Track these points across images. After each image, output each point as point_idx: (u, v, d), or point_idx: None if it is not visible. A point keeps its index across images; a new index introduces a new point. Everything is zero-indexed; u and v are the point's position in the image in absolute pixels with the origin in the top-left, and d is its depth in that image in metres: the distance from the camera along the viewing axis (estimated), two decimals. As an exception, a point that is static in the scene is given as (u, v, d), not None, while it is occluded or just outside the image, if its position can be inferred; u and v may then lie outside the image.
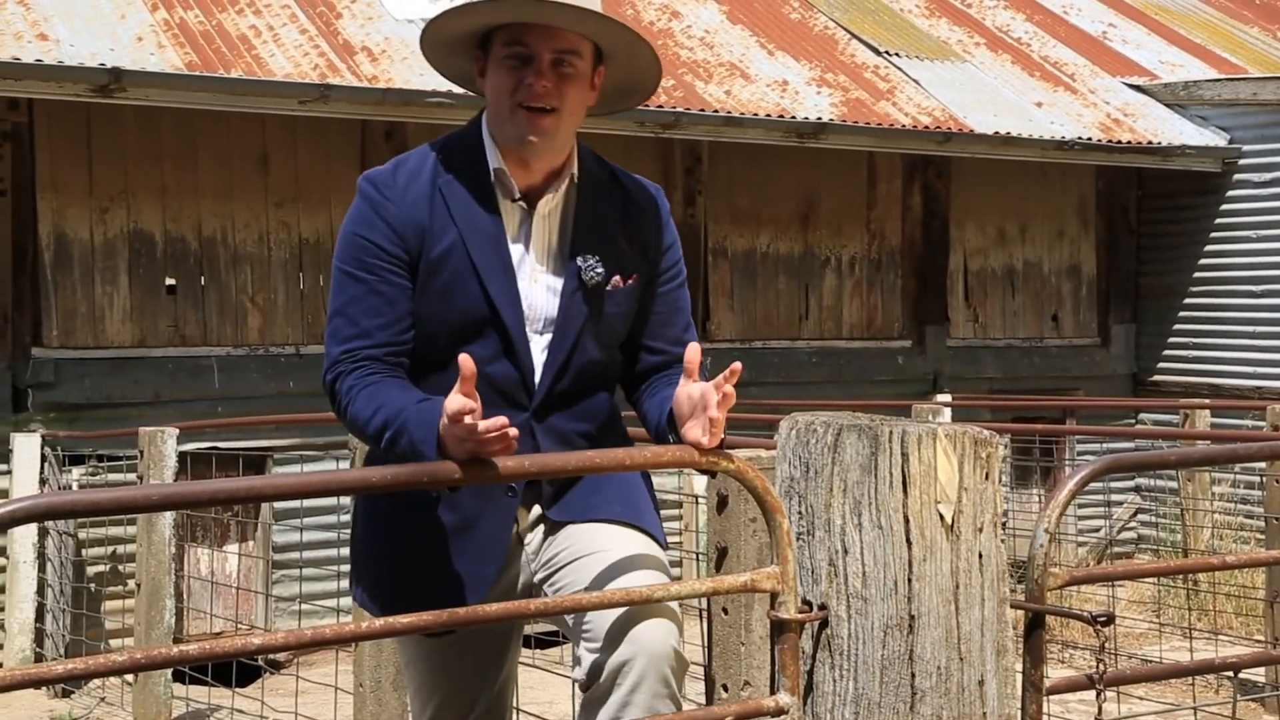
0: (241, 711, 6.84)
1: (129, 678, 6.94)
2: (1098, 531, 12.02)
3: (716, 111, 9.96)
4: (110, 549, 8.62)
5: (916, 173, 11.76)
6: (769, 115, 10.15)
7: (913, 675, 2.30)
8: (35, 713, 7.44)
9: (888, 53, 12.02)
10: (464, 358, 2.42)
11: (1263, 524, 8.03)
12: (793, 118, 10.21)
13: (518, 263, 2.83)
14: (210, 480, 2.34)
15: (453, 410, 2.39)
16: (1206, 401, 10.84)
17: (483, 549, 2.82)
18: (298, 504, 8.39)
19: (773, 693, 2.38)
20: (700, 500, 8.45)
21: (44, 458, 8.46)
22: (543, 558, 2.85)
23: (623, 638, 2.63)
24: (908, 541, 2.30)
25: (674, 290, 2.97)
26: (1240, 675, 6.85)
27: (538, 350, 2.83)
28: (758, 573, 2.39)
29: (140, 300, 9.04)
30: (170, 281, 9.13)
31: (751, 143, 10.42)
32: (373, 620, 2.30)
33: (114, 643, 8.35)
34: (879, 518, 2.30)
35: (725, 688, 3.06)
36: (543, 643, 7.59)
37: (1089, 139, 11.43)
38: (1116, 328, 12.69)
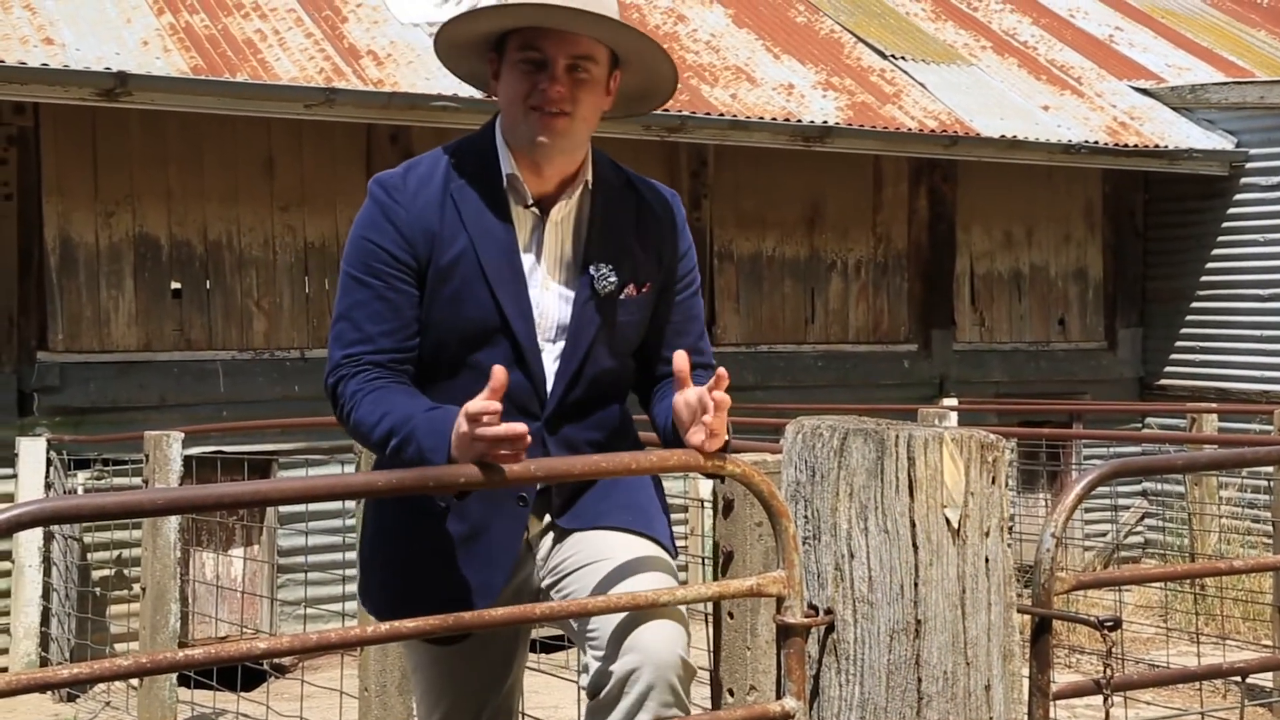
0: (246, 716, 6.83)
1: (134, 682, 6.93)
2: (1104, 536, 12.00)
3: (722, 115, 9.95)
4: (115, 553, 8.62)
5: (923, 176, 11.75)
6: (775, 119, 10.14)
7: (919, 680, 2.29)
8: (40, 717, 7.44)
9: (894, 56, 12.01)
10: (497, 368, 2.41)
11: (1270, 528, 8.01)
12: (799, 121, 10.20)
13: (529, 270, 2.80)
14: (215, 484, 2.34)
15: (474, 410, 2.38)
16: (1214, 405, 10.82)
17: (492, 557, 2.81)
18: (303, 508, 8.38)
19: (779, 697, 2.38)
20: (706, 504, 8.44)
21: (49, 462, 8.46)
22: (550, 564, 2.84)
23: (629, 645, 2.61)
24: (914, 546, 2.29)
25: (688, 298, 2.95)
26: (1247, 680, 6.84)
27: (549, 359, 2.81)
28: (764, 577, 2.39)
29: (145, 304, 9.04)
30: (175, 285, 9.13)
31: (757, 146, 10.41)
32: (378, 625, 2.29)
33: (119, 647, 8.34)
34: (885, 522, 2.30)
35: (731, 692, 3.05)
36: (549, 647, 7.58)
37: (1095, 142, 11.42)
38: (1123, 331, 12.67)
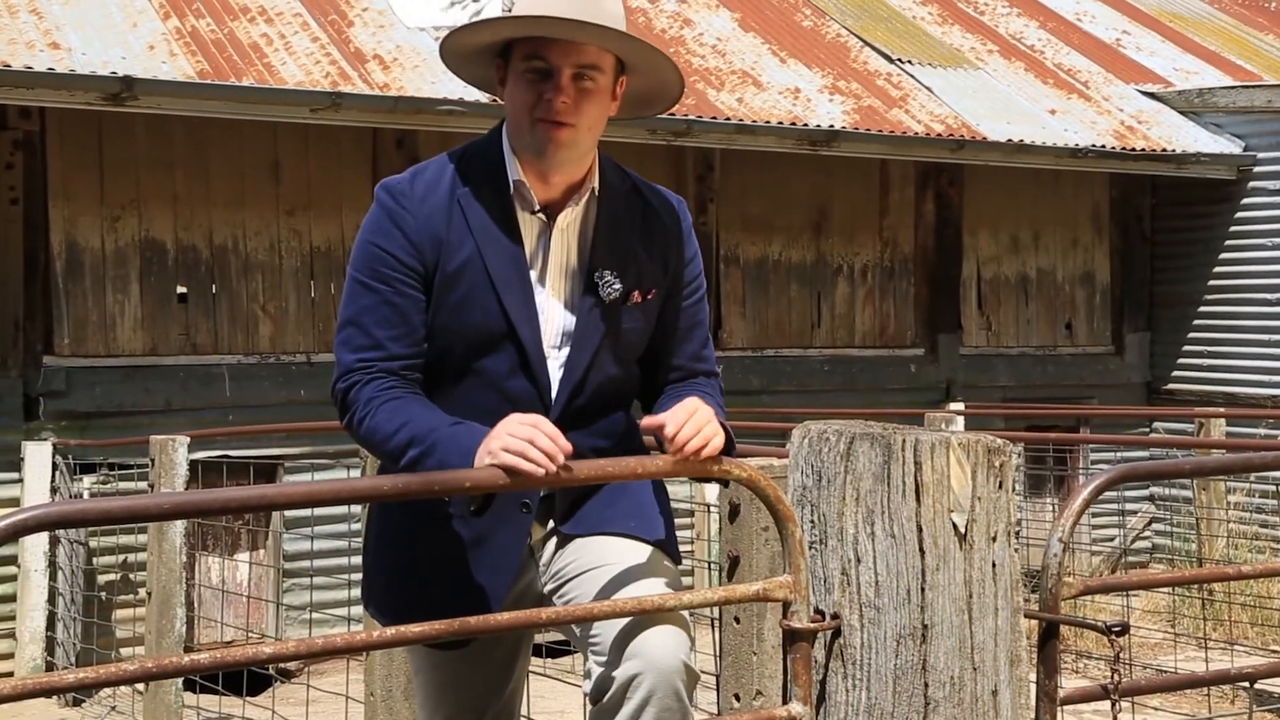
0: (252, 720, 6.82)
1: (139, 686, 6.93)
2: (1112, 541, 11.98)
3: (728, 119, 9.95)
4: (121, 557, 8.62)
5: (929, 180, 11.74)
6: (781, 123, 10.14)
7: (926, 685, 2.28)
8: (46, 721, 7.44)
9: (900, 60, 12.00)
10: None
11: (1278, 533, 8.00)
12: (805, 125, 10.20)
13: (535, 277, 2.80)
14: (221, 489, 2.33)
15: (528, 417, 2.48)
16: (1221, 410, 10.81)
17: (496, 563, 2.80)
18: (309, 512, 8.38)
19: (785, 702, 2.37)
20: (712, 509, 8.42)
21: (55, 466, 8.46)
22: (552, 569, 2.84)
23: (632, 651, 2.60)
24: (920, 550, 2.28)
25: (694, 304, 2.95)
26: (1256, 685, 6.83)
27: (554, 366, 2.81)
28: (770, 582, 2.38)
29: (151, 309, 9.04)
30: (181, 290, 9.13)
31: (763, 150, 10.41)
32: (384, 629, 2.29)
33: (124, 651, 8.34)
34: (892, 526, 2.29)
35: (737, 697, 3.04)
36: (554, 652, 7.56)
37: (1103, 146, 11.40)
38: (1130, 336, 12.64)
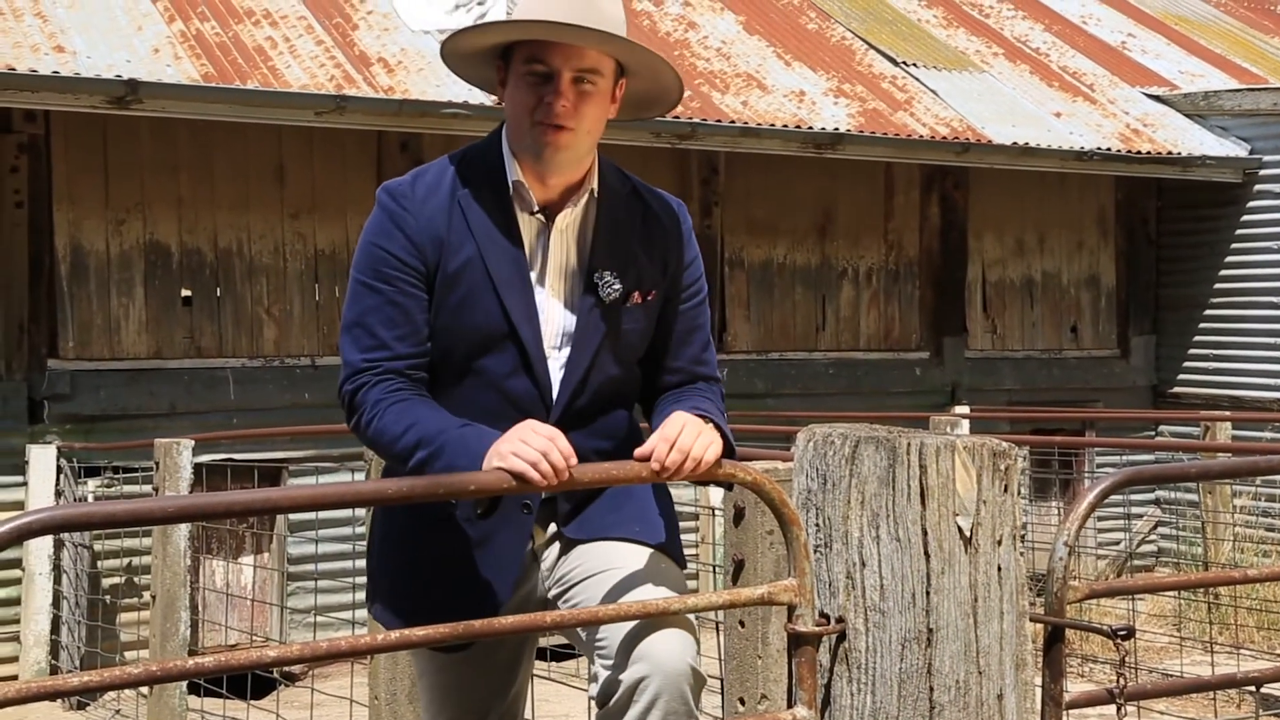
0: (257, 724, 6.82)
1: (144, 690, 6.93)
2: (1118, 544, 11.96)
3: (733, 122, 9.94)
4: (125, 561, 8.62)
5: (934, 183, 11.73)
6: (786, 126, 10.13)
7: (931, 689, 2.28)
8: (51, 725, 7.44)
9: (905, 63, 11.99)
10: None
11: (1284, 536, 7.99)
12: (810, 128, 10.19)
13: (535, 277, 2.81)
14: (226, 492, 2.33)
15: (546, 430, 2.48)
16: (1227, 413, 10.79)
17: (498, 565, 2.80)
18: (313, 516, 8.38)
19: (790, 706, 2.36)
20: (717, 512, 8.42)
21: (60, 469, 8.46)
22: (556, 575, 2.83)
23: (638, 655, 2.60)
24: (925, 554, 2.28)
25: (694, 308, 2.94)
26: (1262, 690, 6.81)
27: (555, 366, 2.81)
28: (775, 585, 2.38)
29: (156, 312, 9.04)
30: (186, 293, 9.13)
31: (768, 153, 10.40)
32: (388, 633, 2.28)
33: (129, 655, 8.34)
34: (897, 530, 2.28)
35: (742, 701, 3.04)
36: (559, 655, 7.56)
37: (1108, 149, 11.39)
38: (1136, 339, 12.62)
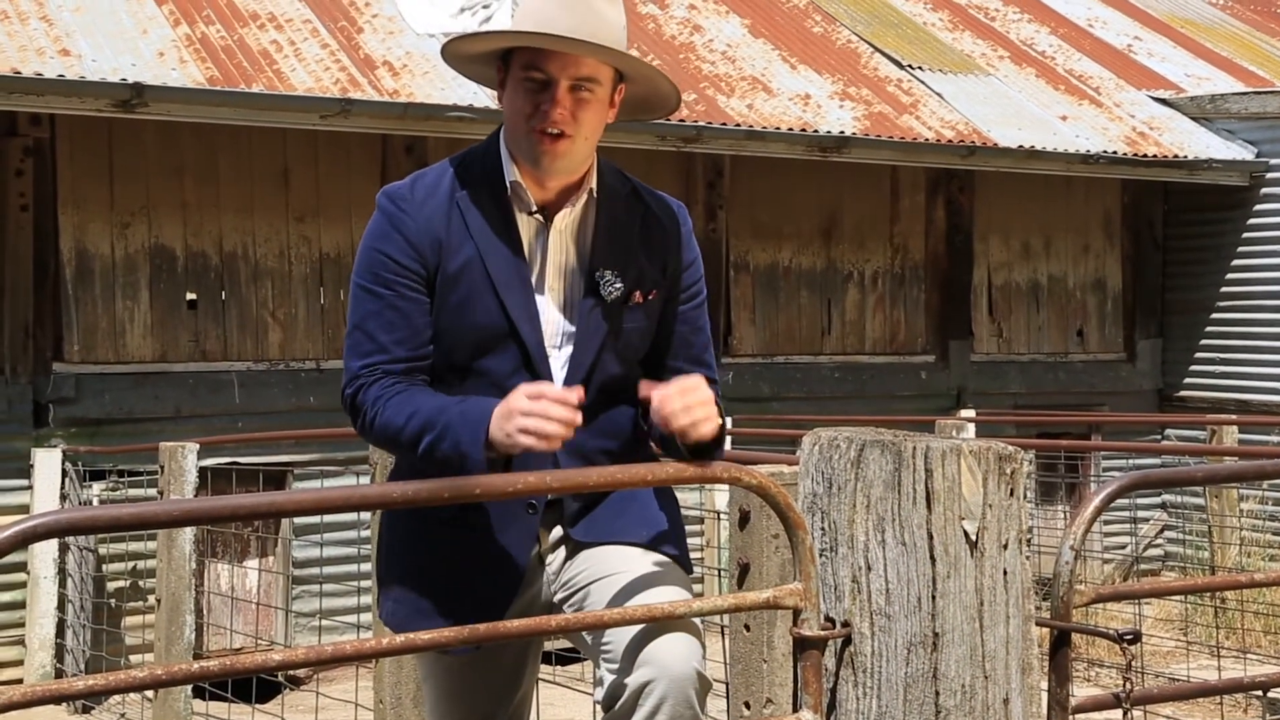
0: (262, 728, 6.82)
1: (149, 694, 6.93)
2: (1124, 548, 11.94)
3: (738, 125, 9.94)
4: (131, 564, 8.62)
5: (940, 187, 11.72)
6: (791, 129, 10.13)
7: (937, 693, 2.27)
8: (56, 728, 7.44)
9: (911, 66, 11.99)
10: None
11: (1291, 540, 7.97)
12: (815, 131, 10.18)
13: (535, 277, 2.81)
14: (231, 496, 2.32)
15: (533, 390, 2.55)
16: (1234, 417, 10.77)
17: (503, 566, 2.80)
18: (318, 519, 8.38)
19: (795, 710, 2.35)
20: (722, 516, 8.41)
21: (65, 473, 8.46)
22: (563, 578, 2.83)
23: (644, 659, 2.60)
24: (931, 558, 2.27)
25: (694, 309, 2.94)
26: (1269, 694, 6.79)
27: (557, 366, 2.81)
28: (780, 589, 2.37)
29: (161, 315, 9.05)
30: (191, 296, 9.13)
31: (773, 156, 10.40)
32: (393, 636, 2.28)
33: (134, 658, 8.34)
34: (903, 534, 2.28)
35: (747, 705, 3.03)
36: (563, 659, 7.55)
37: (1114, 152, 11.38)
38: (1142, 343, 12.61)
